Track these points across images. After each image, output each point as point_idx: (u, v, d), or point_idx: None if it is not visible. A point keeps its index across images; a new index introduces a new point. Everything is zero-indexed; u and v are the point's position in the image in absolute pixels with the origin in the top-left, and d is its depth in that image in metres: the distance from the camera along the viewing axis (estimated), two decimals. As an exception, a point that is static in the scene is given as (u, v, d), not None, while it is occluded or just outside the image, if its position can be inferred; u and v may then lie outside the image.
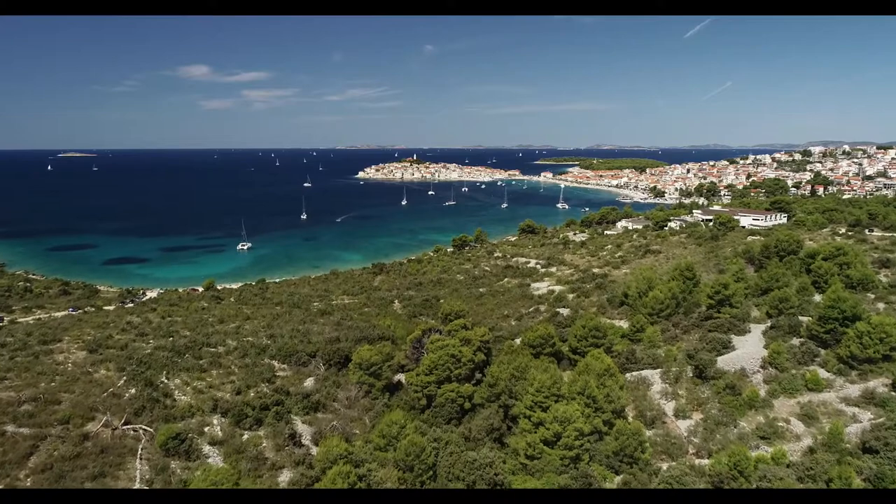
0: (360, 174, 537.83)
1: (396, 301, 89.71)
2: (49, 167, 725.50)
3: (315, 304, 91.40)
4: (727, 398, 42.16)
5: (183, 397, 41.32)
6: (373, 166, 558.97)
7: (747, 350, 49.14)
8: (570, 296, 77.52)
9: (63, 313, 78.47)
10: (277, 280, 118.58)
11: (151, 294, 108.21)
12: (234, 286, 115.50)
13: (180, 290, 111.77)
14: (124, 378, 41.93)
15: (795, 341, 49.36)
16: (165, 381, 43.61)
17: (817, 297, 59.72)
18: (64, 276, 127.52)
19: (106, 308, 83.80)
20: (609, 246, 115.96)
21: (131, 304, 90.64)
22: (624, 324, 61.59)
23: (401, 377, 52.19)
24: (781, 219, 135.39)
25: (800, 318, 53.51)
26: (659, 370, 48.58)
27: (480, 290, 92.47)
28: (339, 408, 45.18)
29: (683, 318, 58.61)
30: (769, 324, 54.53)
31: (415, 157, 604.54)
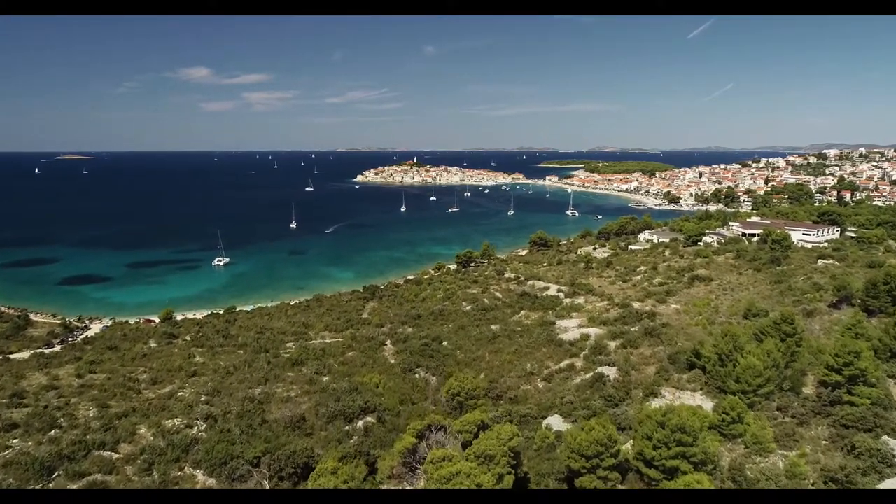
0: (359, 178, 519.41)
1: (389, 343, 72.26)
2: (37, 170, 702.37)
3: (288, 344, 74.13)
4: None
5: None
6: (371, 169, 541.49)
7: (928, 473, 31.50)
8: (612, 344, 59.84)
9: (-51, 369, 60.59)
10: (250, 308, 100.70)
11: (96, 327, 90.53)
12: (199, 315, 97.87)
13: (133, 321, 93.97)
14: None
15: None
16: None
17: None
18: (5, 300, 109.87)
19: (18, 356, 66.06)
20: (641, 267, 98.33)
21: (59, 347, 73.09)
22: (703, 401, 43.90)
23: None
24: (834, 233, 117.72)
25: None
26: (790, 505, 30.82)
27: (492, 327, 74.84)
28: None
29: (794, 399, 40.92)
30: (934, 416, 36.96)
31: (414, 160, 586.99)
